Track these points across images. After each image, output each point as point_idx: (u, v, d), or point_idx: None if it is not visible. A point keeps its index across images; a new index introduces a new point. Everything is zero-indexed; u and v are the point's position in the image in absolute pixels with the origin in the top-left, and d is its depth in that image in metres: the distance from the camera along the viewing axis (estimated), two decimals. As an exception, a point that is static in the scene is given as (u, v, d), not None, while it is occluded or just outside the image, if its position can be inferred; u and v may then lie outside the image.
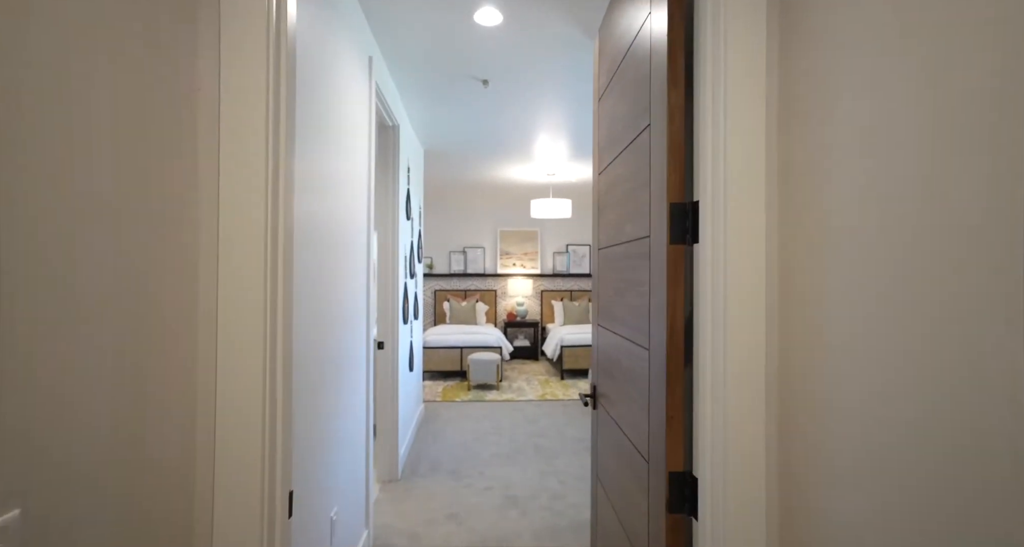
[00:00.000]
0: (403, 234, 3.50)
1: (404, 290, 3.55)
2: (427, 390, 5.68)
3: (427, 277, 7.95)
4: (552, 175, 5.69)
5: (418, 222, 4.36)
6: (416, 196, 4.16)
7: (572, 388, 5.80)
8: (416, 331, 4.25)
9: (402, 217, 3.44)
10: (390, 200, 3.18)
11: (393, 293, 3.19)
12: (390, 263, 3.18)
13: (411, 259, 3.94)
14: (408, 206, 3.70)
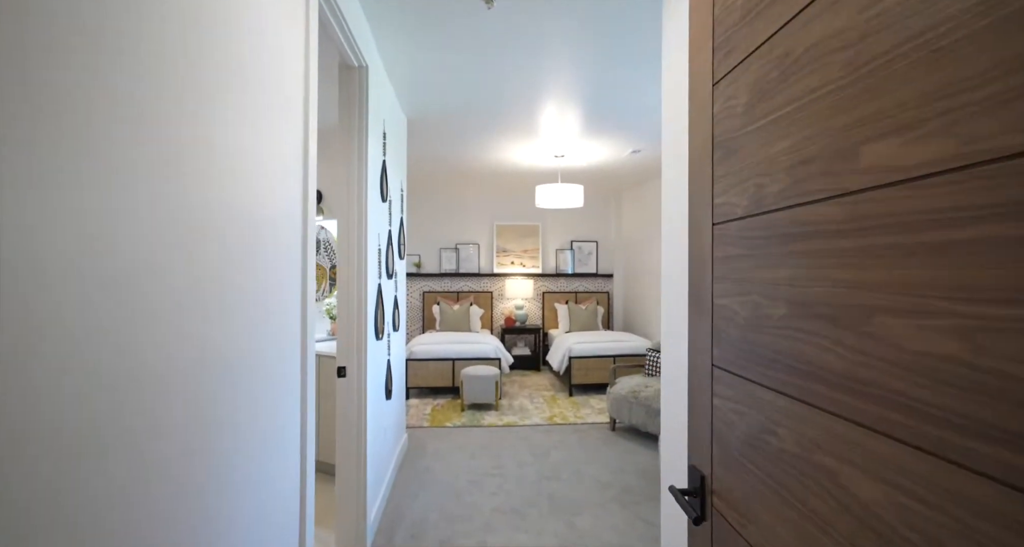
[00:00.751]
0: (375, 220, 2.63)
1: (379, 295, 2.67)
2: (412, 411, 4.79)
3: (414, 277, 7.06)
4: (561, 157, 4.84)
5: (400, 207, 3.48)
6: (396, 172, 3.28)
7: (584, 408, 4.94)
8: (397, 346, 3.37)
9: (373, 197, 2.56)
10: (355, 172, 2.30)
11: (359, 300, 2.31)
12: (355, 260, 2.30)
13: (389, 255, 3.06)
14: (384, 184, 2.83)
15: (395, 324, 3.27)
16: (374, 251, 2.57)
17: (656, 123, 3.82)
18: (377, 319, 2.59)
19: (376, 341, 2.63)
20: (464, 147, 4.55)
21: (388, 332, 3.00)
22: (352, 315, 2.28)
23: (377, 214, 2.67)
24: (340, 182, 2.30)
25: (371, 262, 2.49)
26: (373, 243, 2.55)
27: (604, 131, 4.09)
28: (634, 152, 4.68)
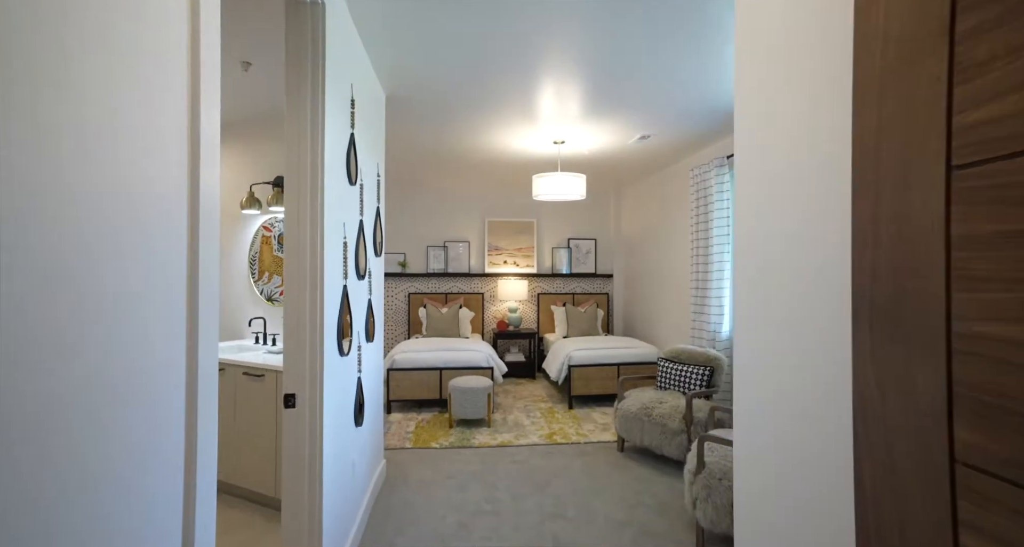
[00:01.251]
0: (339, 206, 2.10)
1: (344, 300, 2.15)
2: (394, 428, 4.26)
3: (399, 277, 6.52)
4: (561, 144, 4.33)
5: (376, 195, 2.95)
6: (371, 153, 2.75)
7: (586, 423, 4.44)
8: (372, 359, 2.84)
9: (335, 177, 2.03)
10: (307, 142, 1.77)
11: (313, 309, 1.78)
12: (307, 257, 1.77)
13: (361, 250, 2.53)
14: (353, 163, 2.30)
15: (369, 334, 2.74)
16: (336, 245, 2.04)
17: (671, 103, 3.33)
18: (341, 331, 2.07)
19: (340, 358, 2.10)
20: (453, 131, 4.03)
21: (358, 344, 2.48)
22: (303, 329, 1.75)
23: (342, 199, 2.14)
24: (289, 154, 1.77)
25: (332, 259, 1.96)
26: (335, 235, 2.02)
27: (610, 112, 3.59)
28: (642, 138, 4.19)
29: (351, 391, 2.34)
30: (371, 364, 2.82)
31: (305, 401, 1.74)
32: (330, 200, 1.91)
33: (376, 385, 2.99)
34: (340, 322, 2.06)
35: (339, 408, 2.12)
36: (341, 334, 2.07)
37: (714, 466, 2.34)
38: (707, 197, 4.23)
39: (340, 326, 2.06)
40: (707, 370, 3.58)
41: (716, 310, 4.08)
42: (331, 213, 1.94)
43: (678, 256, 5.09)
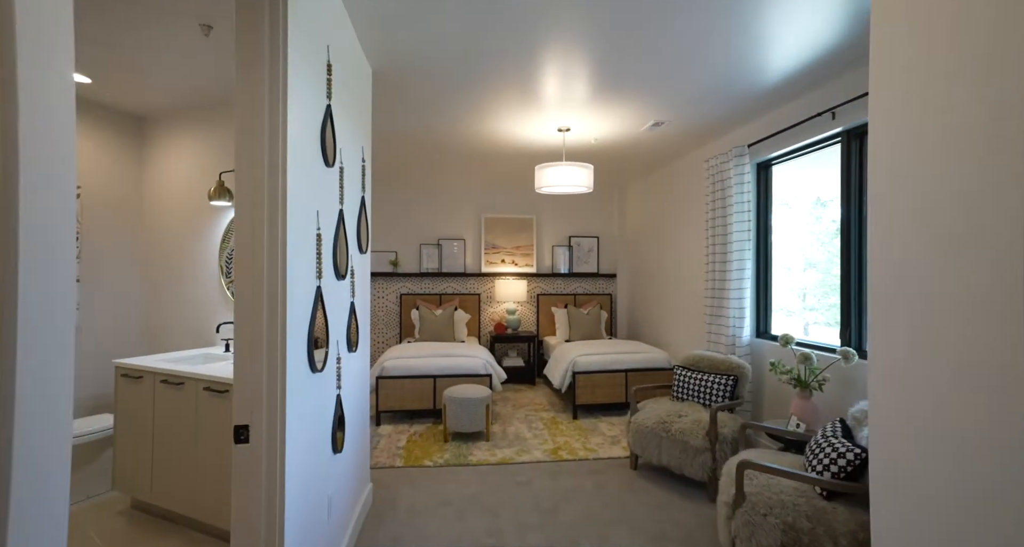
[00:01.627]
0: (309, 191, 1.72)
1: (318, 305, 1.77)
2: (383, 443, 3.88)
3: (390, 277, 6.14)
4: (566, 132, 3.97)
5: (360, 182, 2.57)
6: (354, 132, 2.37)
7: (593, 435, 4.08)
8: (355, 370, 2.46)
9: (305, 155, 1.66)
10: (262, 102, 1.39)
11: (273, 319, 1.41)
12: (262, 252, 1.40)
13: (340, 245, 2.15)
14: (330, 141, 1.92)
15: (351, 342, 2.36)
16: (306, 238, 1.67)
17: (690, 84, 2.97)
18: (313, 343, 1.69)
19: (313, 375, 1.73)
20: (447, 117, 3.66)
21: (337, 356, 2.10)
22: (258, 344, 1.37)
23: (315, 183, 1.77)
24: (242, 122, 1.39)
25: (300, 255, 1.59)
26: (305, 225, 1.64)
27: (620, 96, 3.23)
28: (655, 125, 3.83)
29: (327, 413, 1.96)
30: (354, 377, 2.44)
31: (262, 435, 1.36)
32: (297, 181, 1.54)
33: (360, 401, 2.62)
34: (311, 332, 1.68)
35: (311, 435, 1.74)
36: (313, 346, 1.69)
37: (757, 498, 1.99)
38: (725, 190, 3.88)
39: (311, 337, 1.68)
40: (730, 379, 3.23)
41: (736, 312, 3.73)
42: (299, 198, 1.57)
43: (689, 254, 4.74)
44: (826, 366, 2.76)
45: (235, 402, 1.36)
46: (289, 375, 1.45)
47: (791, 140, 3.30)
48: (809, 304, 3.68)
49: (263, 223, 1.38)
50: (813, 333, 3.66)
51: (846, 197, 2.89)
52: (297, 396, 1.56)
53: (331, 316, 1.98)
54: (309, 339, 1.67)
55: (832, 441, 1.99)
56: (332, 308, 2.01)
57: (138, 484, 2.56)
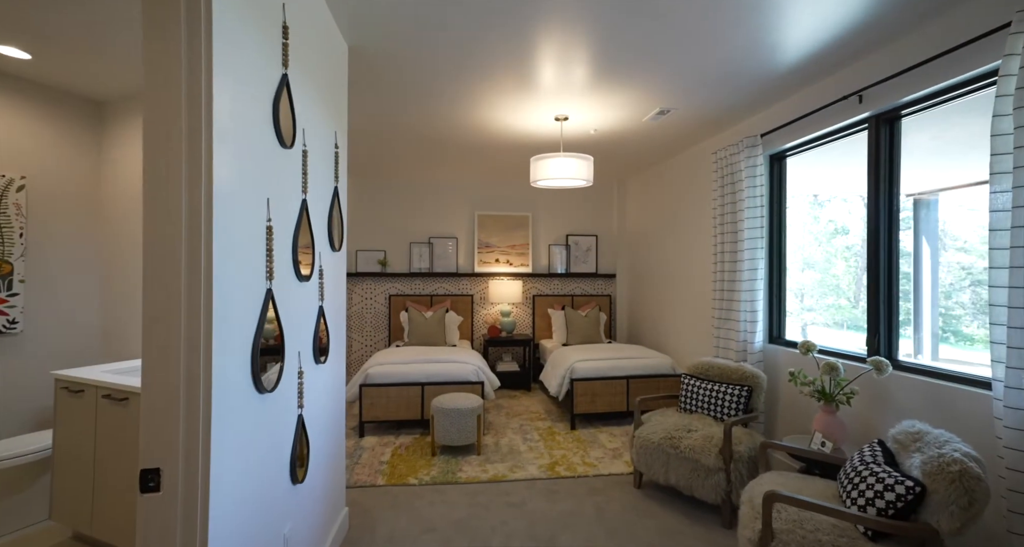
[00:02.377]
0: (254, 174, 1.43)
1: (268, 311, 1.47)
2: (366, 456, 3.58)
3: (378, 278, 5.83)
4: (564, 121, 3.69)
5: (332, 171, 2.27)
6: (323, 111, 2.06)
7: (593, 447, 3.79)
8: (322, 387, 2.17)
9: (247, 128, 1.36)
10: (176, 44, 1.10)
11: (192, 332, 1.11)
12: (178, 246, 1.10)
13: (303, 241, 1.85)
14: (286, 115, 1.62)
15: (320, 352, 2.06)
16: (248, 231, 1.37)
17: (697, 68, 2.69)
18: (258, 358, 1.39)
19: (259, 397, 1.43)
20: (436, 103, 3.36)
21: (297, 369, 1.80)
22: (169, 365, 1.07)
23: (260, 164, 1.47)
24: (151, 75, 1.09)
25: (238, 250, 1.29)
26: (241, 215, 1.34)
27: (623, 81, 2.94)
28: (659, 114, 3.55)
29: (283, 439, 1.66)
30: (324, 393, 2.14)
31: (177, 480, 1.06)
32: (231, 160, 1.24)
33: (333, 419, 2.31)
34: (256, 345, 1.38)
35: (258, 468, 1.44)
36: (259, 362, 1.39)
37: (789, 537, 1.70)
38: (735, 184, 3.60)
39: (256, 351, 1.38)
40: (744, 390, 2.95)
41: (747, 315, 3.45)
42: (234, 180, 1.27)
43: (695, 253, 4.46)
44: (854, 377, 2.48)
45: (142, 441, 1.06)
46: (218, 402, 1.16)
47: (809, 129, 3.02)
48: (807, 304, 3.45)
49: (180, 209, 1.08)
50: (812, 334, 3.42)
51: (874, 190, 2.61)
52: (233, 426, 1.26)
53: (288, 324, 1.69)
54: (254, 354, 1.37)
55: (875, 469, 1.71)
56: (290, 314, 1.71)
57: (78, 514, 2.25)
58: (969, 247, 2.50)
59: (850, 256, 3.26)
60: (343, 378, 2.51)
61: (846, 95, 2.60)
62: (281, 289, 1.62)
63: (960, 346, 2.49)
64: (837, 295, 3.39)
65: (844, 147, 3.07)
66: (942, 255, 2.61)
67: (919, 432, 1.73)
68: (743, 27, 2.30)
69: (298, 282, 1.81)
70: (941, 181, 2.56)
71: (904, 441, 1.76)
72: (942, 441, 1.62)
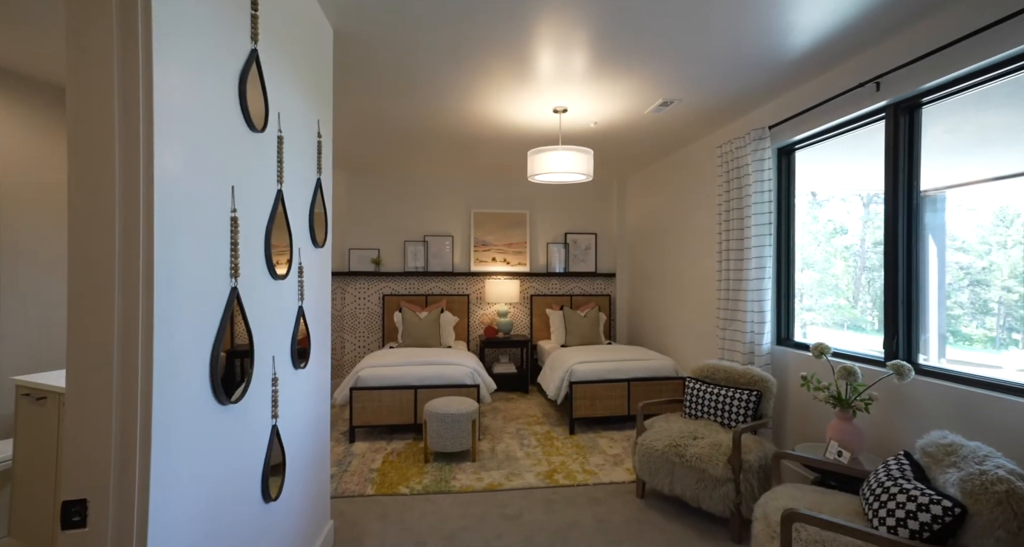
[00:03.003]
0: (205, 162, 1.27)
1: (232, 311, 1.32)
2: (356, 464, 3.42)
3: (372, 277, 5.67)
4: (562, 113, 3.53)
5: (315, 161, 2.11)
6: (303, 94, 1.90)
7: (593, 453, 3.63)
8: (301, 395, 2.01)
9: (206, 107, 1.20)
10: (108, 28, 0.94)
11: (128, 336, 0.95)
12: (111, 238, 0.94)
13: (278, 236, 1.70)
14: (254, 95, 1.46)
15: (299, 356, 1.90)
16: (205, 221, 1.21)
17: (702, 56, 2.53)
18: (217, 365, 1.23)
19: (221, 408, 1.27)
20: (429, 93, 3.20)
21: (271, 376, 1.64)
22: (100, 373, 0.91)
23: (222, 148, 1.31)
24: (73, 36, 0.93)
25: (187, 243, 1.13)
26: (197, 203, 1.18)
27: (624, 70, 2.79)
28: (663, 105, 3.39)
29: (255, 454, 1.50)
30: (303, 400, 1.98)
31: (108, 515, 0.90)
32: (178, 137, 1.08)
33: (315, 428, 2.15)
34: (216, 350, 1.22)
35: (221, 488, 1.28)
36: (218, 371, 1.23)
37: (809, 560, 1.55)
38: (741, 179, 3.45)
39: (216, 357, 1.22)
40: (753, 395, 2.80)
41: (754, 316, 3.30)
42: (187, 163, 1.11)
43: (698, 251, 4.31)
44: (872, 382, 2.33)
45: (64, 467, 0.90)
46: (163, 418, 1.00)
47: (820, 120, 2.87)
48: (806, 304, 3.38)
49: (112, 192, 0.92)
50: (811, 334, 3.31)
51: (892, 183, 2.46)
52: (186, 443, 1.10)
53: (260, 327, 1.53)
54: (213, 362, 1.22)
55: (904, 485, 1.56)
56: (262, 316, 1.55)
57: (40, 531, 2.09)
58: (968, 247, 2.43)
59: (849, 256, 3.24)
60: (327, 383, 2.35)
61: (863, 82, 2.45)
62: (251, 288, 1.46)
63: (960, 346, 2.41)
64: (836, 295, 3.34)
65: (845, 144, 2.97)
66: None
67: (952, 444, 1.58)
68: (752, 8, 2.15)
69: (272, 280, 1.65)
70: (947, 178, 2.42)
71: (935, 454, 1.61)
72: (981, 456, 1.47)
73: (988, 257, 2.44)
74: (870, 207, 3.28)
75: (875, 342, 3.08)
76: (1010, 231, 2.41)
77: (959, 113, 2.30)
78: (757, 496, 2.41)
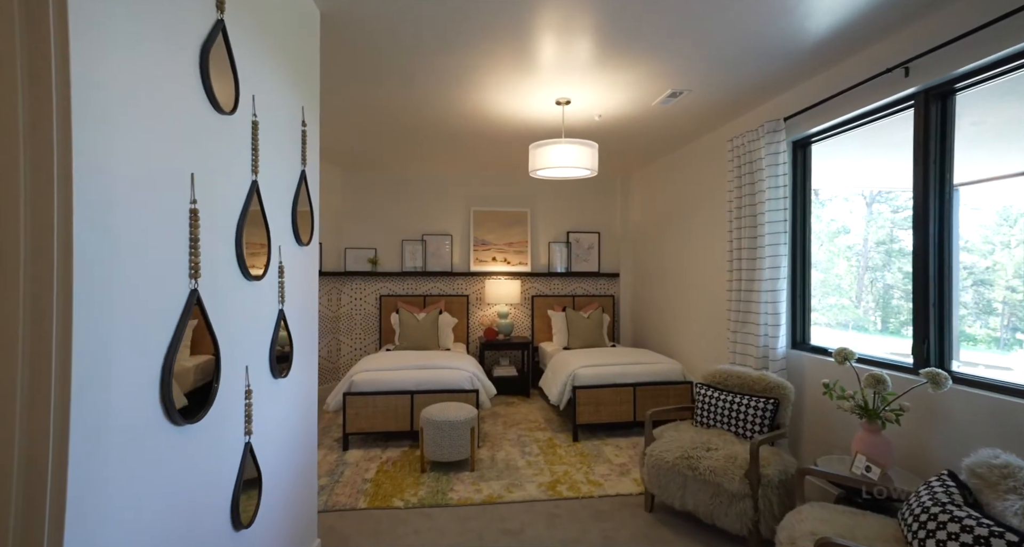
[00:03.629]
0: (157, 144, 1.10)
1: (190, 317, 1.15)
2: (349, 474, 3.25)
3: (368, 277, 5.50)
4: (565, 105, 3.36)
5: (299, 153, 1.94)
6: (282, 76, 1.73)
7: (598, 462, 3.46)
8: (282, 407, 1.84)
9: (140, 79, 1.03)
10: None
11: (40, 347, 0.78)
12: (16, 231, 0.77)
13: (249, 231, 1.53)
14: (222, 71, 1.29)
15: (279, 364, 1.74)
16: (155, 213, 1.04)
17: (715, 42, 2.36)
18: (170, 378, 1.06)
19: (177, 429, 1.10)
20: (425, 85, 3.03)
21: (245, 388, 1.47)
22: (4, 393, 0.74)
23: (179, 128, 1.14)
24: None
25: (131, 238, 0.96)
26: (145, 192, 1.01)
27: (631, 58, 2.62)
28: (671, 96, 3.22)
29: (222, 477, 1.33)
30: (284, 412, 1.82)
31: None
32: (115, 113, 0.91)
33: (300, 439, 1.98)
34: (168, 365, 1.05)
35: (180, 518, 1.12)
36: (171, 387, 1.06)
37: (847, 596, 1.37)
38: (754, 174, 3.27)
39: (167, 373, 1.05)
40: (770, 403, 2.62)
41: (768, 319, 3.13)
42: (127, 144, 0.94)
43: (706, 250, 4.14)
44: (903, 392, 2.15)
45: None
46: (85, 446, 0.83)
47: (841, 110, 2.70)
48: (810, 305, 3.27)
49: (17, 175, 0.75)
50: (815, 335, 3.17)
51: (922, 178, 2.28)
52: (124, 474, 0.93)
53: (228, 334, 1.36)
54: (164, 375, 1.05)
55: (955, 513, 1.38)
56: (232, 322, 1.38)
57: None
58: (971, 246, 2.38)
59: (851, 256, 3.20)
60: (314, 392, 2.18)
61: (890, 67, 2.27)
62: (217, 291, 1.29)
63: (964, 347, 2.34)
64: (839, 295, 3.24)
65: (859, 140, 2.84)
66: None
67: (1008, 466, 1.41)
68: (776, -15, 1.97)
69: (246, 282, 1.48)
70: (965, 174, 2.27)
71: (988, 477, 1.43)
72: (1045, 480, 1.30)
73: (992, 257, 2.38)
74: (873, 206, 3.19)
75: (880, 343, 2.97)
76: (1014, 231, 2.35)
77: (987, 103, 2.15)
78: (777, 513, 2.23)
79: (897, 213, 3.06)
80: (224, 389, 1.32)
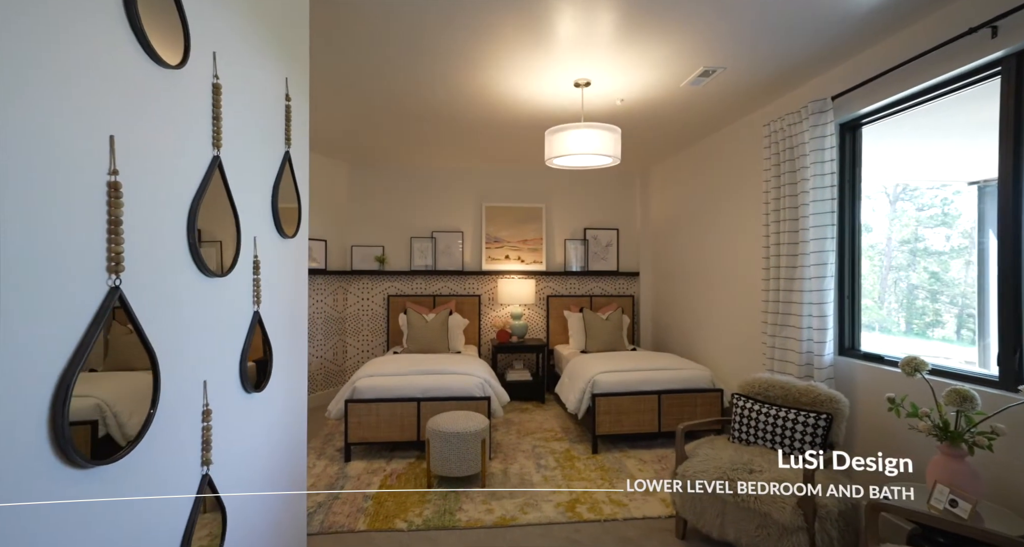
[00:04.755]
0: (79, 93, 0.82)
1: (106, 323, 0.88)
2: (349, 488, 2.99)
3: (376, 276, 5.26)
4: (585, 86, 3.06)
5: (281, 130, 1.68)
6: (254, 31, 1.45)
7: (619, 478, 3.15)
8: (259, 426, 1.57)
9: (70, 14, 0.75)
10: None
11: None
12: None
13: (220, 218, 1.26)
14: (160, 10, 1.03)
15: (254, 377, 1.47)
16: (50, 190, 0.77)
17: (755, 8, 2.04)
18: (65, 406, 0.79)
19: (75, 474, 0.83)
20: (430, 63, 2.75)
21: (202, 408, 1.20)
22: None
23: (102, 81, 0.87)
24: None
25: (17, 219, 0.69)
26: (26, 156, 0.74)
27: (658, 31, 2.31)
28: (703, 75, 2.90)
29: (158, 529, 1.06)
30: (259, 434, 1.55)
31: None
32: None
33: (285, 462, 1.72)
34: (64, 386, 0.78)
35: None
36: (65, 415, 0.79)
37: None
38: (795, 161, 2.94)
39: (61, 397, 0.78)
40: (822, 418, 2.30)
41: (813, 322, 2.79)
42: (3, 85, 0.67)
43: (737, 247, 3.81)
44: (994, 412, 1.81)
45: None
46: None
47: (900, 85, 2.36)
48: None
49: None
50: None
51: (1013, 162, 1.94)
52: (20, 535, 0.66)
53: (173, 342, 1.09)
54: (56, 402, 0.78)
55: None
56: (180, 327, 1.12)
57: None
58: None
59: (874, 255, 3.06)
60: (302, 405, 1.92)
61: (973, 27, 1.93)
62: (153, 288, 1.02)
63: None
64: (863, 295, 3.04)
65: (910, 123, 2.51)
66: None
67: None
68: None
69: (204, 278, 1.22)
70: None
71: None
72: None
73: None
74: (897, 204, 3.03)
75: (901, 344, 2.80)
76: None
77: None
78: (837, 551, 1.91)
79: (922, 211, 2.91)
80: (165, 414, 1.05)
